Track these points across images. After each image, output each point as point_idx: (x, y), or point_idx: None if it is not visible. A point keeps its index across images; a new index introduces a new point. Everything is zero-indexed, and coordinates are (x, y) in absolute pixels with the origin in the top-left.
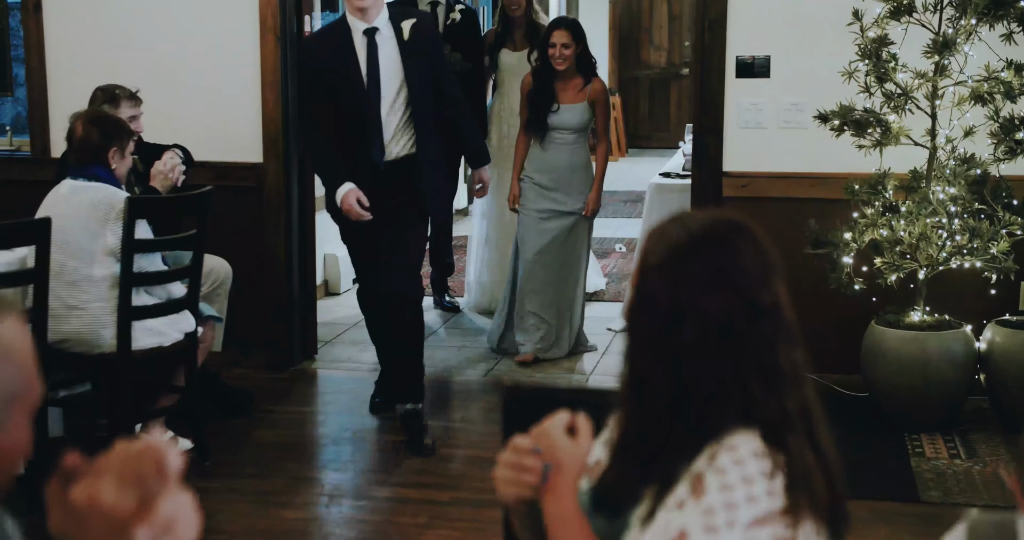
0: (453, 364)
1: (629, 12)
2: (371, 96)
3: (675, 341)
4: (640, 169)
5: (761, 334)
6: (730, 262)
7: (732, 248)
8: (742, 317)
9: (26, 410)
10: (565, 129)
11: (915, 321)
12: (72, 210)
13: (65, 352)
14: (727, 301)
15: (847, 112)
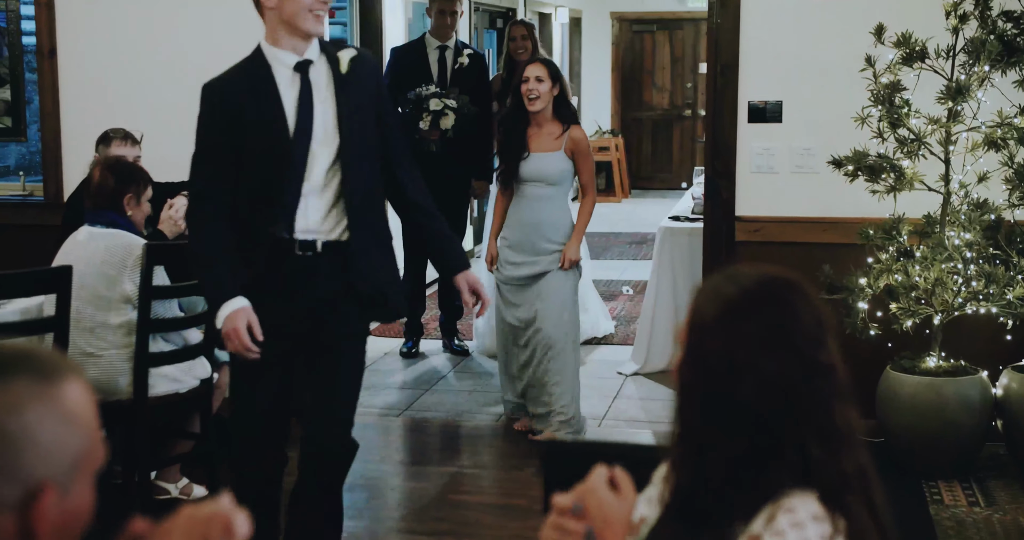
0: (464, 408)
1: (631, 53)
2: (296, 150)
3: (731, 401)
4: (643, 211)
5: (818, 394)
6: (787, 321)
7: (788, 306)
8: (799, 376)
9: (90, 474)
10: (538, 180)
11: (931, 367)
12: (89, 256)
13: None
14: (784, 360)
15: (861, 157)
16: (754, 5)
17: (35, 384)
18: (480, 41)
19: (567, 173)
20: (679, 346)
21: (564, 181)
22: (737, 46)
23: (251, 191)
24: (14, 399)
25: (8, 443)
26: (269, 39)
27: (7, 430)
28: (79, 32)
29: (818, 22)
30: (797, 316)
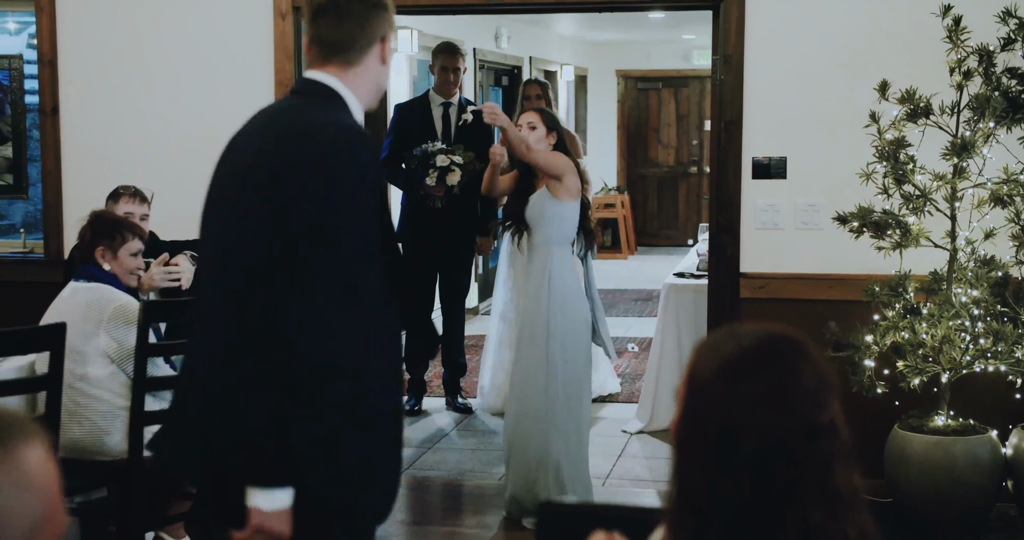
0: (467, 468)
1: (637, 110)
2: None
3: (729, 462)
4: (649, 267)
5: (819, 456)
6: (788, 380)
7: (789, 365)
8: (800, 438)
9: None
10: (533, 227)
11: (939, 425)
12: (69, 311)
13: (77, 459)
14: (784, 421)
15: (866, 214)
16: (758, 62)
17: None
18: (486, 98)
19: (551, 212)
20: (677, 404)
21: (551, 224)
22: (741, 102)
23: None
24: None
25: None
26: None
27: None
28: (82, 91)
29: (822, 78)
30: (798, 376)
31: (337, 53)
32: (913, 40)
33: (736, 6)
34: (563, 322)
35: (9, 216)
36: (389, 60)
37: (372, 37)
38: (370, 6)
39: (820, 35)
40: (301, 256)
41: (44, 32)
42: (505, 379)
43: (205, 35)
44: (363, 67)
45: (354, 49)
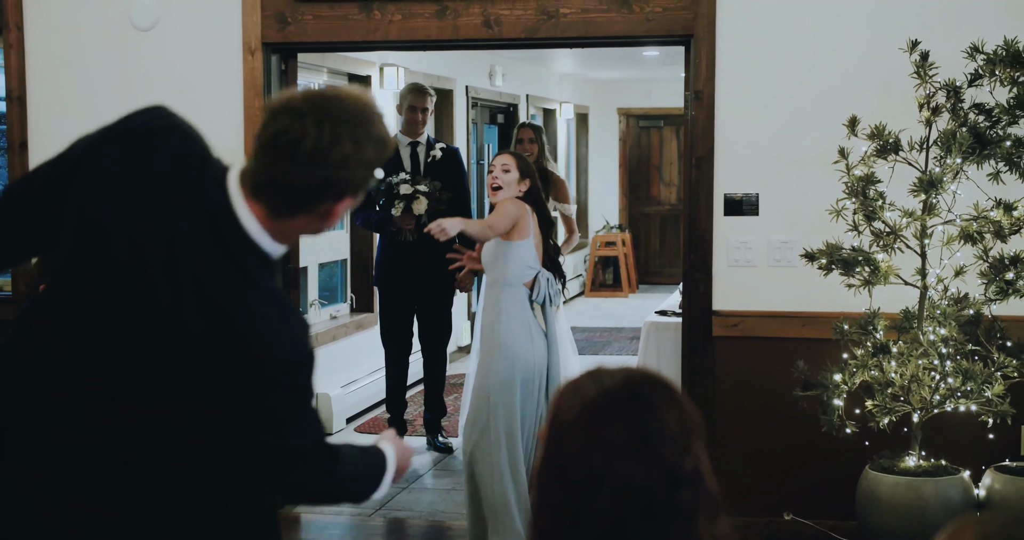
0: (439, 508)
1: (639, 149)
2: None
3: (588, 511)
4: (649, 305)
5: (680, 506)
6: (649, 425)
7: (652, 409)
8: (661, 487)
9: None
10: (486, 269)
11: (910, 466)
12: None
13: None
14: (644, 468)
15: (834, 251)
16: (729, 98)
17: None
18: (480, 136)
19: (498, 252)
20: (538, 449)
21: (500, 264)
22: (712, 139)
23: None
24: None
25: None
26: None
27: None
28: (51, 126)
29: (793, 114)
30: (660, 420)
31: (273, 198)
32: (882, 75)
33: (707, 42)
34: (500, 365)
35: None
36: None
37: (325, 198)
38: (348, 160)
39: (790, 71)
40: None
41: (12, 68)
42: None
43: (175, 71)
44: (295, 222)
45: (296, 206)
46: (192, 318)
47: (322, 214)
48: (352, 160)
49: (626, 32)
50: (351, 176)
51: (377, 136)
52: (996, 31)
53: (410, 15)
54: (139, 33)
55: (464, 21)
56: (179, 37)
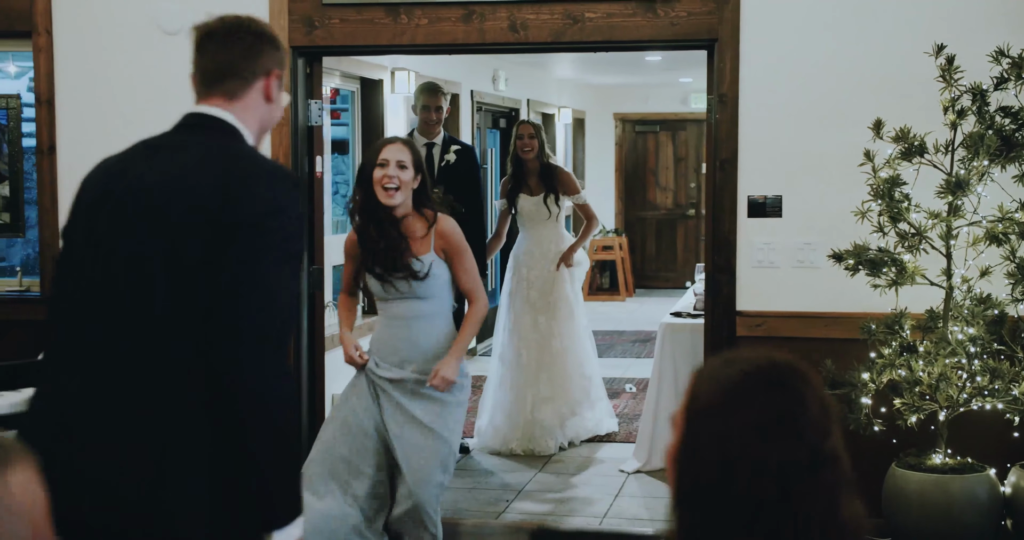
0: (463, 506)
1: (635, 153)
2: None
3: (731, 492)
4: (647, 309)
5: (824, 486)
6: (793, 407)
7: (793, 391)
8: (803, 467)
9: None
10: (406, 296)
11: (937, 464)
12: None
13: None
14: (787, 450)
15: (861, 252)
16: (752, 101)
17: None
18: (483, 140)
19: (443, 281)
20: (674, 431)
21: (441, 292)
22: (736, 141)
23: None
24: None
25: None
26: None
27: None
28: (78, 130)
29: (816, 117)
30: (802, 402)
31: (217, 83)
32: (907, 79)
33: (731, 46)
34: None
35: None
36: (275, 99)
37: (256, 70)
38: (257, 36)
39: (815, 74)
40: (240, 298)
41: (42, 72)
42: (504, 420)
43: None
44: (249, 101)
45: (235, 80)
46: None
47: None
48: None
49: (651, 36)
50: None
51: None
52: (1021, 35)
53: (436, 19)
54: (166, 37)
55: (490, 25)
56: None
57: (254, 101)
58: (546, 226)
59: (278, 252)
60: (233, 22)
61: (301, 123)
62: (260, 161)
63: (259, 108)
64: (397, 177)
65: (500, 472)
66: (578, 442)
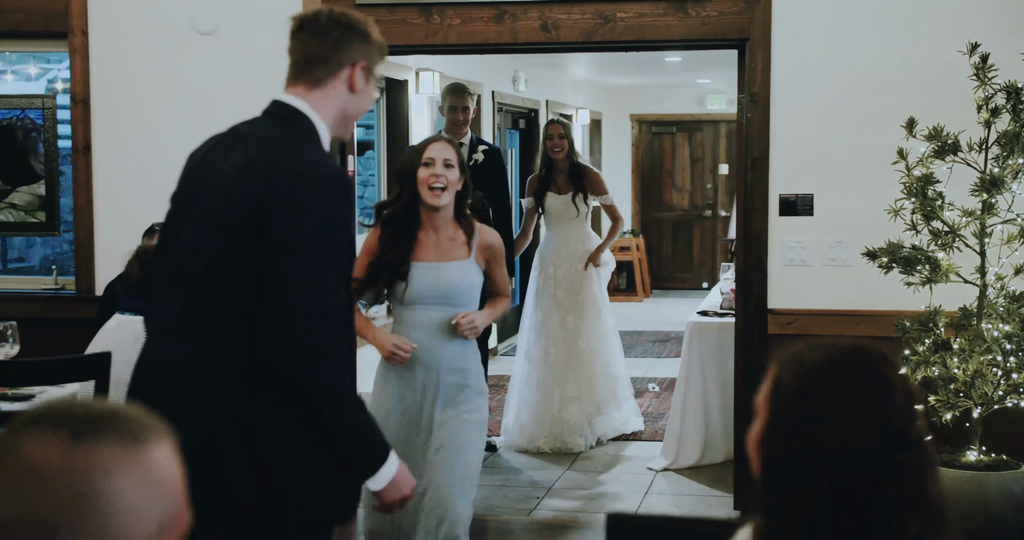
0: (493, 503)
1: (651, 154)
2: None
3: (820, 476)
4: (664, 310)
5: (911, 469)
6: (878, 391)
7: (878, 376)
8: (891, 450)
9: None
10: (437, 300)
11: (971, 460)
12: (117, 344)
13: None
14: (874, 434)
15: (895, 249)
16: (784, 100)
17: (123, 446)
18: (503, 141)
19: (478, 288)
20: (758, 416)
21: (474, 300)
22: (768, 140)
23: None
24: (103, 462)
25: (96, 507)
26: (326, 119)
27: (96, 493)
28: (113, 129)
29: (848, 116)
30: (888, 387)
31: (304, 72)
32: (940, 78)
33: (762, 45)
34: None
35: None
36: (360, 90)
37: (342, 60)
38: (347, 29)
39: (846, 73)
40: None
41: (77, 72)
42: (530, 418)
43: (236, 75)
44: (329, 90)
45: (320, 68)
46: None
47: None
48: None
49: (682, 36)
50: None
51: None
52: None
53: (469, 19)
54: (201, 37)
55: (522, 25)
56: (240, 41)
57: (337, 90)
58: (573, 225)
59: (310, 250)
60: (326, 13)
61: None
62: (300, 165)
63: (341, 97)
64: (444, 176)
65: (528, 470)
66: (605, 441)
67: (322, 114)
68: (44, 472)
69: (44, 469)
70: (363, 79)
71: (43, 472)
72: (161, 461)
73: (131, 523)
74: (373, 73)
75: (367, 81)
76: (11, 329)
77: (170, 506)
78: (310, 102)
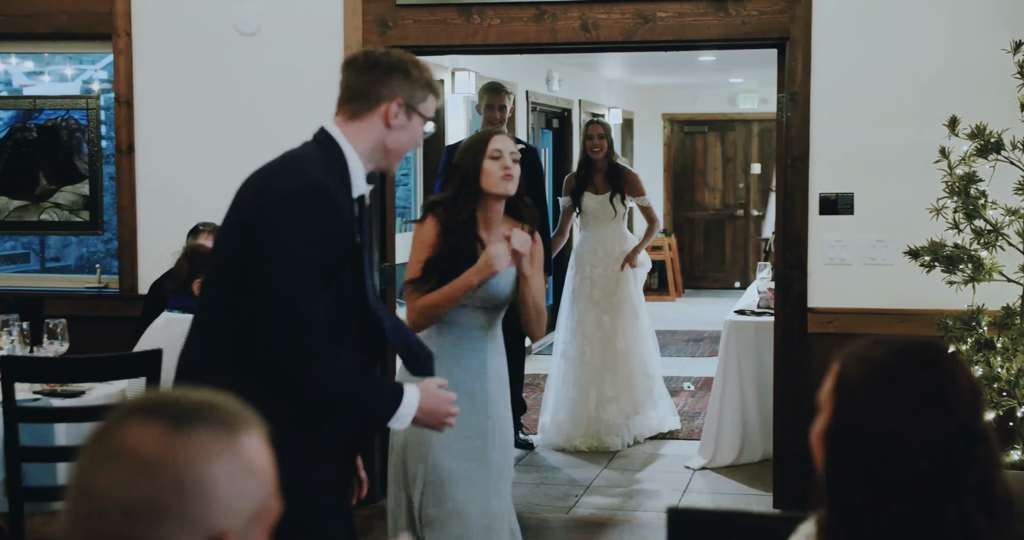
0: (532, 501)
1: (683, 154)
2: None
3: (886, 470)
4: (696, 309)
5: (981, 461)
6: (946, 385)
7: (944, 370)
8: (959, 444)
9: (267, 528)
10: (489, 304)
11: (1015, 460)
12: (166, 341)
13: None
14: (943, 427)
15: (938, 248)
16: (824, 99)
17: (219, 435)
18: (537, 140)
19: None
20: (821, 412)
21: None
22: (808, 139)
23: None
24: (200, 449)
25: (193, 493)
26: (358, 148)
27: (192, 479)
28: (156, 129)
29: (889, 115)
30: (953, 381)
31: (345, 102)
32: (983, 76)
33: (802, 44)
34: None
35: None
36: (399, 126)
37: (380, 96)
38: (390, 67)
39: (887, 71)
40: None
41: (121, 73)
42: (566, 416)
43: (277, 75)
44: (365, 123)
45: (359, 102)
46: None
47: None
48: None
49: (722, 35)
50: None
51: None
52: None
53: (509, 19)
54: (242, 38)
55: (562, 25)
56: (281, 42)
57: (372, 124)
58: (610, 225)
59: (290, 263)
60: (374, 52)
61: None
62: (290, 180)
63: (376, 131)
64: (511, 167)
65: (566, 468)
66: (642, 439)
67: (356, 144)
68: (147, 460)
69: (147, 457)
70: (402, 115)
71: (146, 460)
72: (254, 450)
73: (227, 509)
74: (416, 110)
75: (408, 118)
76: (61, 326)
77: (263, 494)
78: (346, 132)
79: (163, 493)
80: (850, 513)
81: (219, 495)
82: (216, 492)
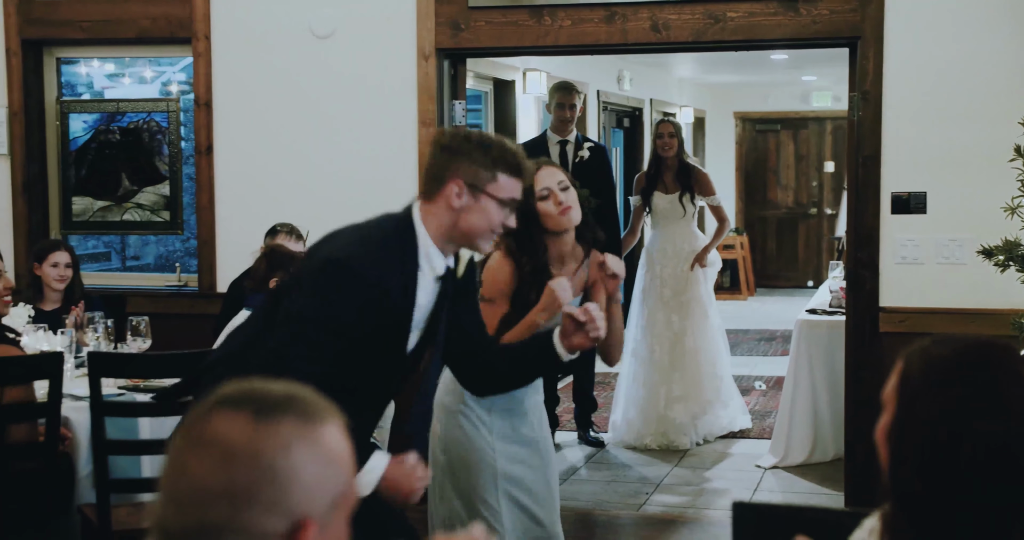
0: (603, 498)
1: (755, 152)
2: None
3: (950, 467)
4: (769, 308)
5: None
6: (1006, 383)
7: (1007, 369)
8: (1019, 441)
9: (346, 513)
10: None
11: None
12: None
13: None
14: (1005, 424)
15: (1012, 247)
16: (896, 98)
17: (301, 425)
18: (608, 139)
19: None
20: (886, 409)
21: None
22: (879, 138)
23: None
24: (283, 438)
25: (278, 479)
26: (430, 229)
27: (277, 467)
28: (235, 131)
29: (961, 113)
30: (1017, 380)
31: (424, 184)
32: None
33: (874, 43)
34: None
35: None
36: (461, 207)
37: (445, 177)
38: (451, 149)
39: (959, 70)
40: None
41: (200, 76)
42: (637, 415)
43: (352, 77)
44: (435, 205)
45: (431, 184)
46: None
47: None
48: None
49: (792, 35)
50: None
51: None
52: None
53: (579, 21)
54: (318, 40)
55: (632, 26)
56: (356, 44)
57: (440, 206)
58: (680, 224)
59: (298, 326)
60: (447, 133)
61: (446, 123)
62: (332, 248)
63: (443, 212)
64: (565, 201)
65: (637, 466)
66: (712, 438)
67: (428, 225)
68: (235, 448)
69: (235, 446)
70: (467, 196)
71: (234, 448)
72: (333, 439)
73: (309, 497)
74: (483, 190)
75: (475, 199)
76: (144, 324)
77: (342, 482)
78: (421, 212)
79: (250, 479)
80: (913, 508)
81: (301, 482)
82: (298, 479)
